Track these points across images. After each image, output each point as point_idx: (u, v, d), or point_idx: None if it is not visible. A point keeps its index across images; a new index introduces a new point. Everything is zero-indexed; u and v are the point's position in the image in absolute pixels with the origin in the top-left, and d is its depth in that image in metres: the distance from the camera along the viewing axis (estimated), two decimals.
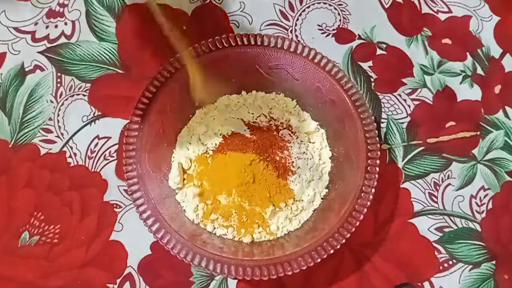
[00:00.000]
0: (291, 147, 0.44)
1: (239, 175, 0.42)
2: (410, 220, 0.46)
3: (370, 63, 0.52)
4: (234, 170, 0.42)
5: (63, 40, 0.52)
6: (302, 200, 0.43)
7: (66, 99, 0.49)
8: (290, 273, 0.37)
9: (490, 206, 0.47)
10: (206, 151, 0.44)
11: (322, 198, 0.44)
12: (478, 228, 0.46)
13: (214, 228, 0.42)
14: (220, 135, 0.45)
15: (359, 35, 0.53)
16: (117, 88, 0.50)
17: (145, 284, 0.43)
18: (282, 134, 0.45)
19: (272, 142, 0.44)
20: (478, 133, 0.49)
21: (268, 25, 0.53)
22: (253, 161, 0.42)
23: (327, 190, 0.44)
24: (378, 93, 0.51)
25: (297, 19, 0.54)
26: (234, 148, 0.43)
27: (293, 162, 0.44)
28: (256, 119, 0.46)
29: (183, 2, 0.44)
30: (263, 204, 0.42)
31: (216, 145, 0.44)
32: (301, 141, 0.45)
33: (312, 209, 0.44)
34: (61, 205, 0.46)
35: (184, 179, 0.44)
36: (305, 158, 0.44)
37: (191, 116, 0.47)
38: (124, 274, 0.44)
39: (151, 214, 0.39)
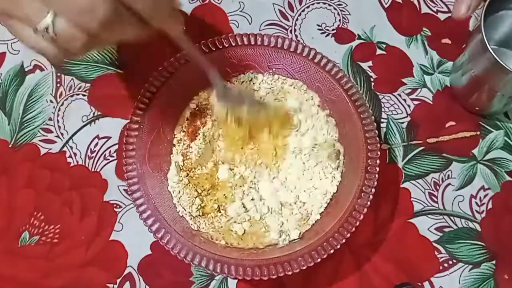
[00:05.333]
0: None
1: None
2: (410, 220, 0.46)
3: (370, 63, 0.52)
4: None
5: None
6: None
7: (66, 99, 0.49)
8: (290, 273, 0.37)
9: (490, 206, 0.47)
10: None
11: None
12: (478, 228, 0.46)
13: None
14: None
15: (358, 35, 0.53)
16: (117, 88, 0.50)
17: (145, 284, 0.43)
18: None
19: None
20: (478, 133, 0.49)
21: (267, 25, 0.53)
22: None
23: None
24: (378, 93, 0.51)
25: (297, 19, 0.54)
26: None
27: None
28: None
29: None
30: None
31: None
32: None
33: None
34: (61, 205, 0.46)
35: (183, 179, 0.44)
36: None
37: None
38: (124, 274, 0.44)
39: (151, 214, 0.39)
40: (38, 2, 0.27)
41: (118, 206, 0.46)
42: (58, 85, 0.50)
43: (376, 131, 0.42)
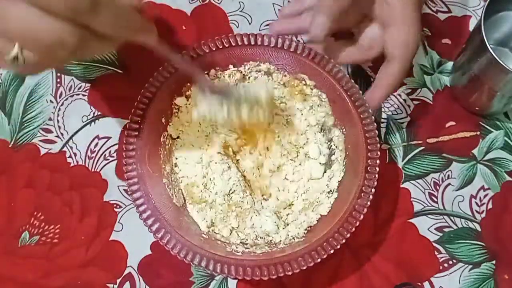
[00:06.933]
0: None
1: None
2: (410, 220, 0.46)
3: (370, 63, 0.51)
4: None
5: None
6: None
7: (66, 99, 0.50)
8: (290, 273, 0.37)
9: (490, 206, 0.47)
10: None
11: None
12: (478, 228, 0.46)
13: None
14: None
15: None
16: (117, 88, 0.50)
17: (145, 284, 0.43)
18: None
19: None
20: (478, 133, 0.49)
21: (267, 25, 0.53)
22: None
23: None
24: None
25: None
26: None
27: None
28: None
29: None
30: None
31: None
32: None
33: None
34: (61, 205, 0.46)
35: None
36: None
37: None
38: (124, 274, 0.44)
39: (151, 214, 0.39)
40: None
41: (118, 206, 0.46)
42: (58, 85, 0.50)
43: (376, 131, 0.42)
